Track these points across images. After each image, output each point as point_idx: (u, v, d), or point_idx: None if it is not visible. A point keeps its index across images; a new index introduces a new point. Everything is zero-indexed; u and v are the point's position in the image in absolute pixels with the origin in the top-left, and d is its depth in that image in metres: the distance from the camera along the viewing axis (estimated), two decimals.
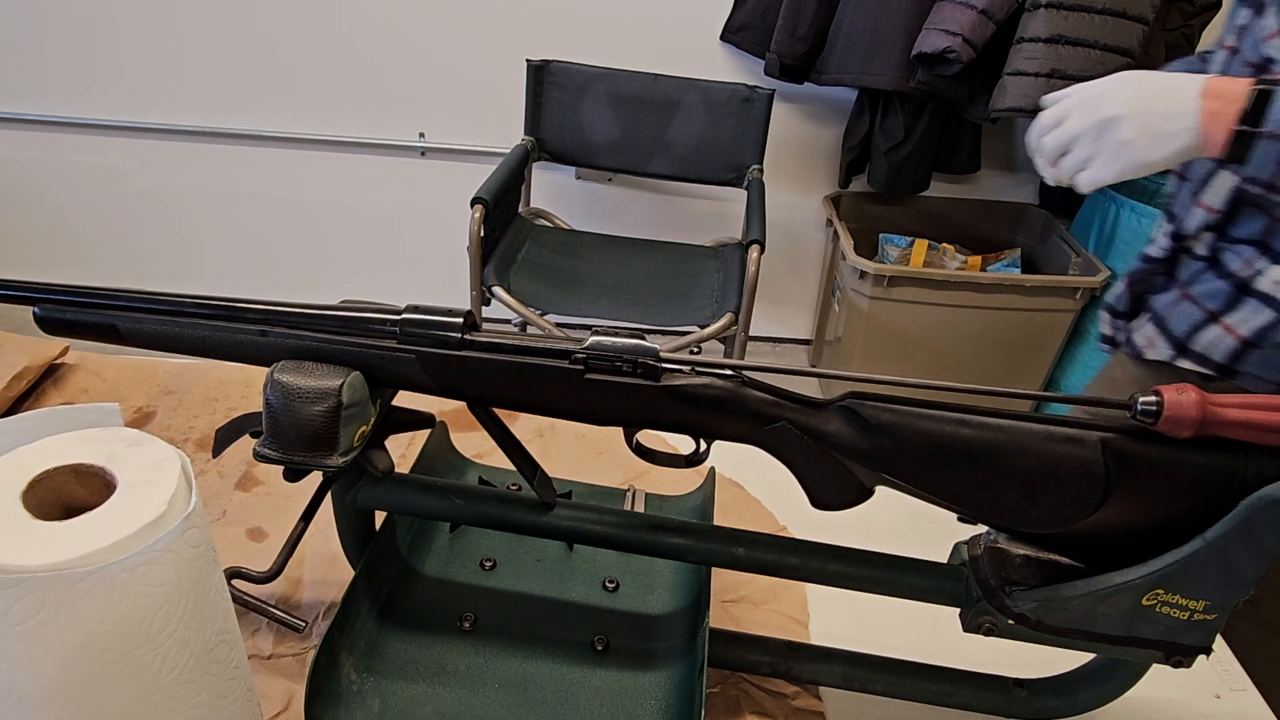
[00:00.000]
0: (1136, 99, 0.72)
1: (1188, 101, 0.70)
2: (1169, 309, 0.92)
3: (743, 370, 0.48)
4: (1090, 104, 0.73)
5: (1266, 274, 0.82)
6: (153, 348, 0.50)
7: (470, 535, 0.68)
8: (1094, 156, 0.74)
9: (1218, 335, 0.86)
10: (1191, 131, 0.70)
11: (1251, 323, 0.84)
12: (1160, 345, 0.92)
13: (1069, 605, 0.47)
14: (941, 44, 1.84)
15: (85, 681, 0.37)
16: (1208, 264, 0.88)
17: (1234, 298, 0.85)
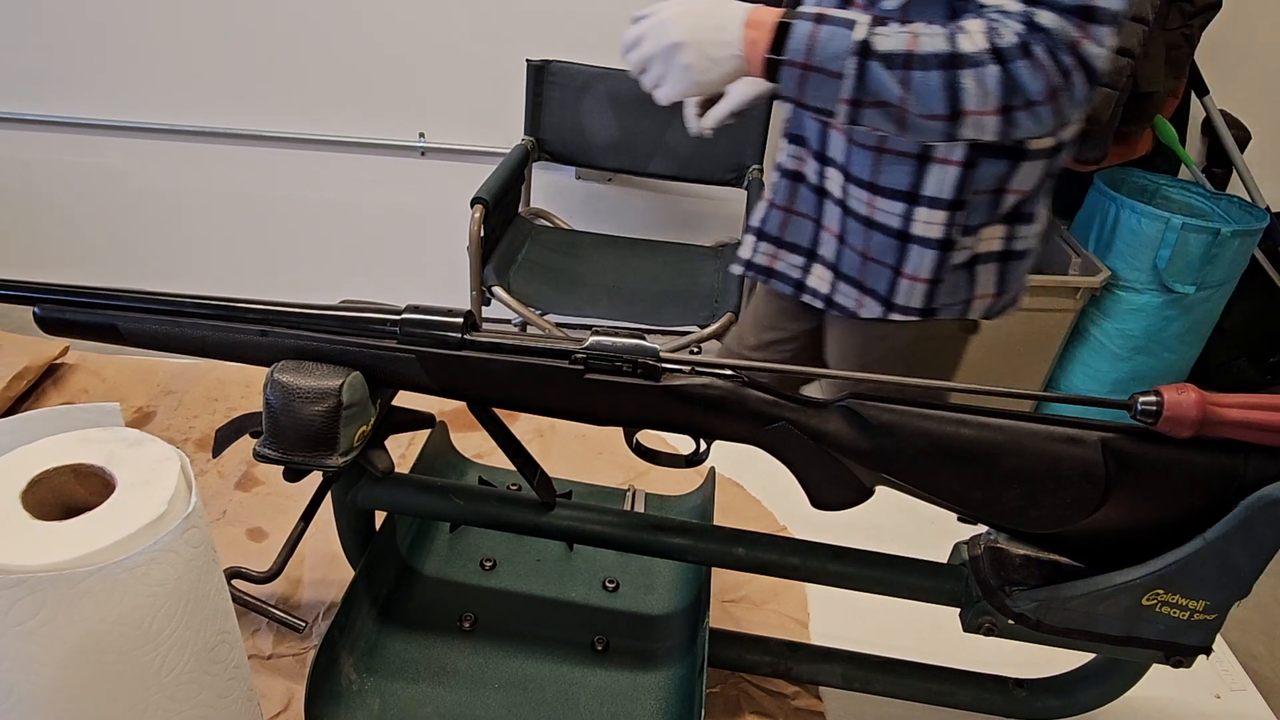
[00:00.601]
0: (694, 28, 0.81)
1: (734, 30, 0.80)
2: (863, 270, 1.01)
3: (743, 370, 0.48)
4: (657, 30, 0.83)
5: (916, 218, 0.95)
6: (153, 348, 0.50)
7: (470, 535, 0.68)
8: (665, 76, 0.85)
9: (909, 286, 0.98)
10: (738, 58, 0.81)
11: (924, 266, 0.96)
12: (871, 304, 1.02)
13: (1069, 605, 0.47)
14: None
15: (85, 681, 0.37)
16: (843, 207, 1.00)
17: (900, 248, 0.97)
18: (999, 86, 0.75)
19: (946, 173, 0.92)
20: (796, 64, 0.78)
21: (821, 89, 0.79)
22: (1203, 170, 2.26)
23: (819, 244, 1.05)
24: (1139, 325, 2.13)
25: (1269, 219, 2.07)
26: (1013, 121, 0.77)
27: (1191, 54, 2.03)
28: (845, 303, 1.04)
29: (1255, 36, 2.16)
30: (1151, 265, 2.04)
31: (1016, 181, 0.93)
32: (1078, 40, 0.73)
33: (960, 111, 0.76)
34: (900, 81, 0.76)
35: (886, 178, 0.94)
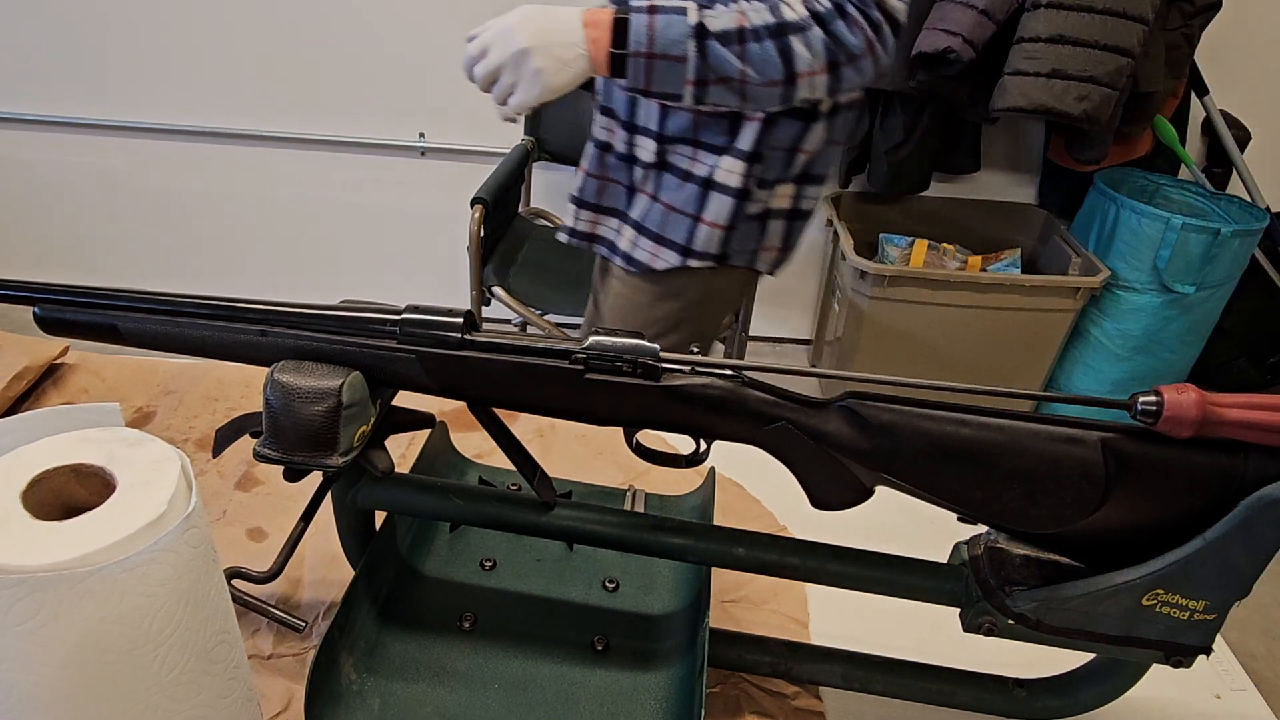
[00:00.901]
0: (539, 32, 0.83)
1: (576, 31, 0.84)
2: (663, 222, 1.08)
3: (743, 370, 0.48)
4: (502, 39, 0.84)
5: (719, 166, 1.02)
6: (153, 348, 0.50)
7: (470, 535, 0.68)
8: (516, 83, 0.86)
9: (707, 232, 1.06)
10: (584, 57, 0.85)
11: (721, 212, 1.04)
12: (668, 254, 1.09)
13: (1069, 605, 0.47)
14: (942, 44, 1.84)
15: (85, 681, 0.37)
16: (660, 168, 1.06)
17: (702, 196, 1.04)
18: (824, 47, 0.83)
19: (749, 127, 1.00)
20: (641, 54, 0.83)
21: (668, 75, 0.85)
22: (1203, 170, 2.26)
23: (631, 206, 1.11)
24: (1139, 325, 2.13)
25: (1269, 219, 2.07)
26: (840, 76, 0.86)
27: (1191, 54, 2.02)
28: (642, 257, 1.10)
29: (1255, 36, 2.16)
30: (1151, 265, 2.04)
31: (807, 142, 1.02)
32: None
33: (795, 74, 0.84)
34: (738, 56, 0.83)
35: (706, 133, 1.01)
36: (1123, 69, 1.83)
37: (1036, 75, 1.83)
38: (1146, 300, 2.09)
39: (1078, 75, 1.81)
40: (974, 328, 2.15)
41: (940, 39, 1.84)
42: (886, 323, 2.15)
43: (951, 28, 1.83)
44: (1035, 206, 2.39)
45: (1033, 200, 2.41)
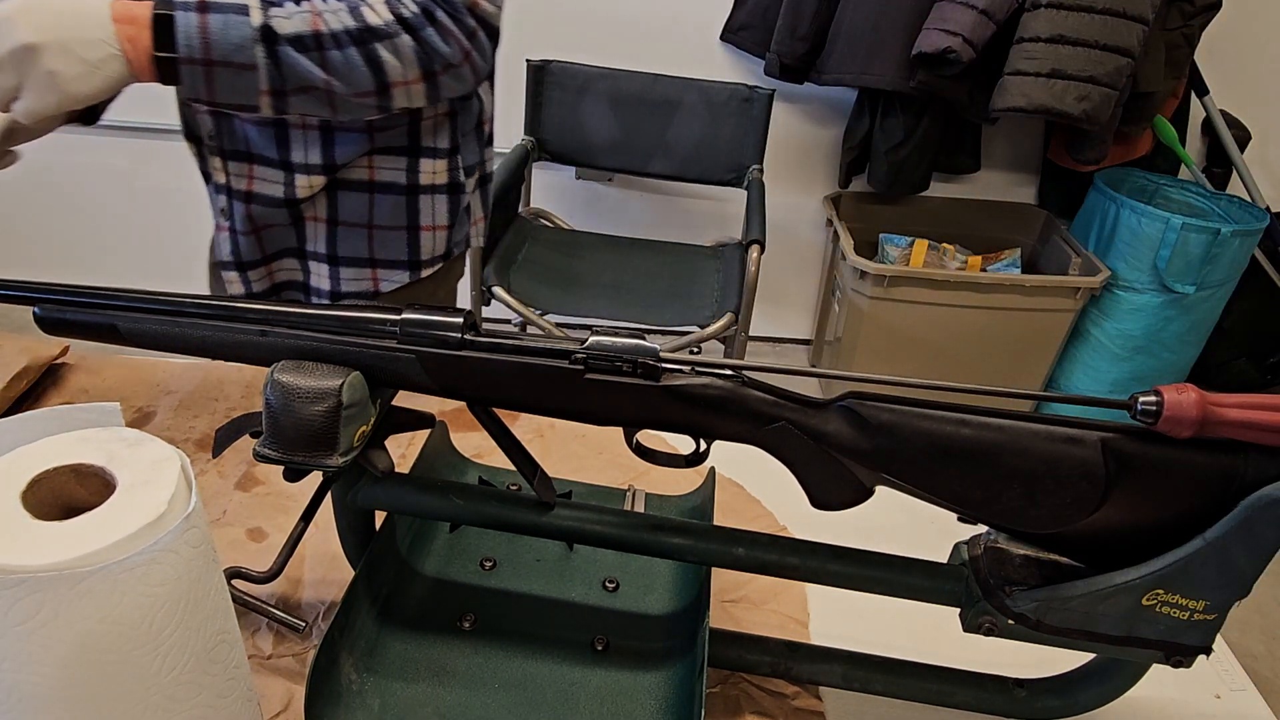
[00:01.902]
0: (50, 26, 0.66)
1: (103, 28, 0.67)
2: (371, 245, 0.97)
3: (743, 370, 0.48)
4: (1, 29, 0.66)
5: (421, 170, 0.94)
6: (153, 348, 0.50)
7: (470, 535, 0.68)
8: (24, 87, 0.67)
9: (431, 238, 0.99)
10: (118, 58, 0.68)
11: (441, 212, 0.98)
12: (393, 275, 0.99)
13: (1069, 605, 0.47)
14: (942, 44, 1.84)
15: (85, 681, 0.37)
16: (336, 189, 0.93)
17: (413, 203, 0.96)
18: (416, 55, 0.76)
19: (442, 122, 0.93)
20: (196, 61, 0.70)
21: (235, 84, 0.72)
22: (1203, 170, 2.26)
23: (309, 240, 0.97)
24: (1139, 325, 2.13)
25: (1269, 219, 2.07)
26: (437, 85, 0.80)
27: (1191, 54, 2.03)
28: (354, 287, 0.99)
29: (1255, 36, 2.16)
30: (1151, 265, 2.04)
31: (487, 110, 0.99)
32: (475, 2, 0.78)
33: (388, 84, 0.77)
34: (319, 64, 0.73)
35: (382, 139, 0.91)
36: (1123, 69, 1.83)
37: (1036, 75, 1.83)
38: (1146, 300, 2.09)
39: (1078, 75, 1.81)
40: (974, 328, 2.15)
41: (940, 39, 1.84)
42: (886, 323, 2.15)
43: (951, 28, 1.83)
44: (1035, 206, 2.39)
45: (1033, 200, 2.41)
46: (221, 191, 0.92)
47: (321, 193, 0.93)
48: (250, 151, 0.89)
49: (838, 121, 2.28)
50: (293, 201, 0.92)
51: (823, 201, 2.38)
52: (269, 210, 0.92)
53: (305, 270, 0.99)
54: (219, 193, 0.92)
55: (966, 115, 2.07)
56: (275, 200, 0.91)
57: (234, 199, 0.91)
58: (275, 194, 0.91)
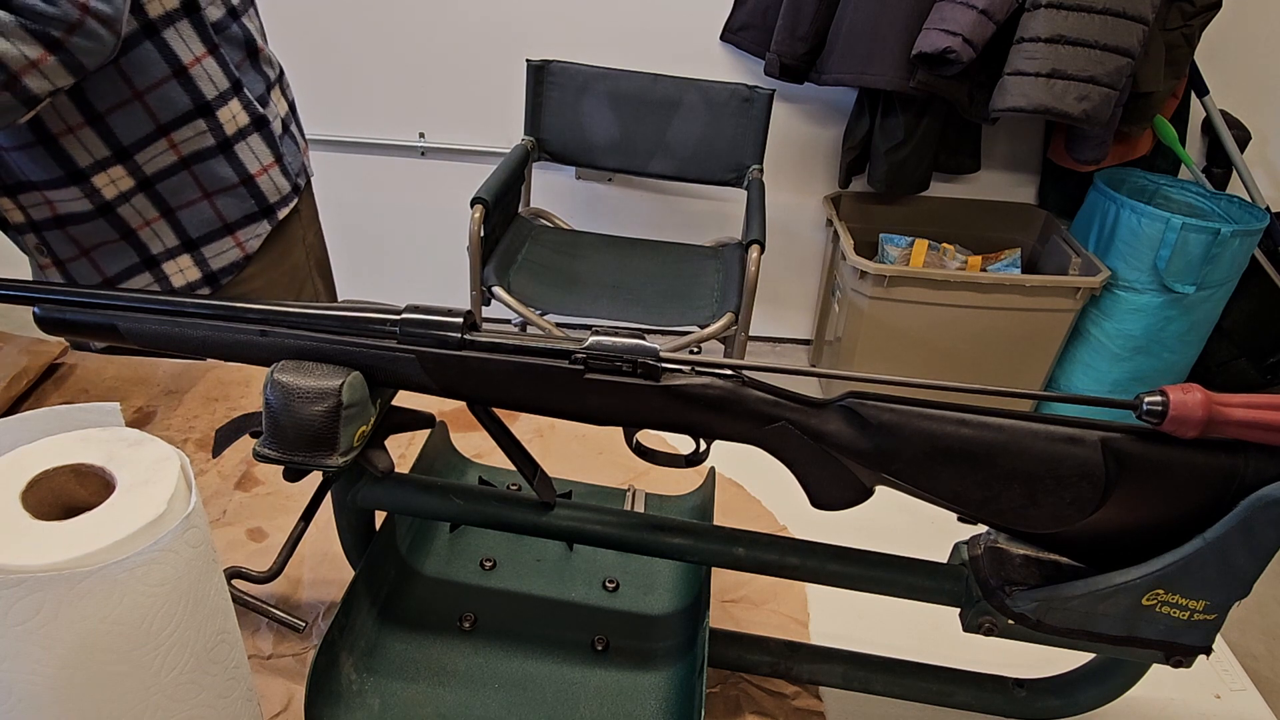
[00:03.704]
0: None
1: None
2: (215, 213, 0.97)
3: (743, 370, 0.48)
4: None
5: (221, 123, 0.92)
6: (153, 348, 0.50)
7: (470, 535, 0.68)
8: None
9: (267, 178, 0.99)
10: None
11: (262, 150, 0.98)
12: (253, 229, 1.00)
13: (1069, 605, 0.47)
14: (942, 44, 1.84)
15: (85, 681, 0.37)
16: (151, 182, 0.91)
17: (231, 156, 0.95)
18: (24, 29, 0.68)
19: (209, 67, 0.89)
20: None
21: None
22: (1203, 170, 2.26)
23: (150, 240, 0.95)
24: (1139, 325, 2.13)
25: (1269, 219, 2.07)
26: (72, 51, 0.71)
27: (1191, 54, 2.03)
28: (229, 259, 1.00)
29: (1255, 36, 2.16)
30: (1151, 265, 2.04)
31: (255, 39, 0.99)
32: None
33: (14, 74, 0.69)
34: None
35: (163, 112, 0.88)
36: (1123, 69, 1.83)
37: (1036, 75, 1.83)
38: (1146, 300, 2.09)
39: (1078, 75, 1.82)
40: (974, 328, 2.15)
41: (940, 39, 1.84)
42: (886, 323, 2.15)
43: (951, 28, 1.83)
44: (1035, 206, 2.39)
45: (1033, 200, 2.41)
46: (27, 230, 0.89)
47: (141, 194, 0.91)
48: (31, 180, 0.85)
49: (838, 121, 2.28)
50: (106, 207, 0.89)
51: (823, 201, 2.38)
52: (87, 226, 0.90)
53: (163, 276, 0.97)
54: (25, 232, 0.89)
55: (966, 115, 2.07)
56: (88, 213, 0.89)
57: (43, 230, 0.89)
58: (84, 207, 0.88)
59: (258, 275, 1.04)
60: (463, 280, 1.82)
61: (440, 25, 2.16)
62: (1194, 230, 1.95)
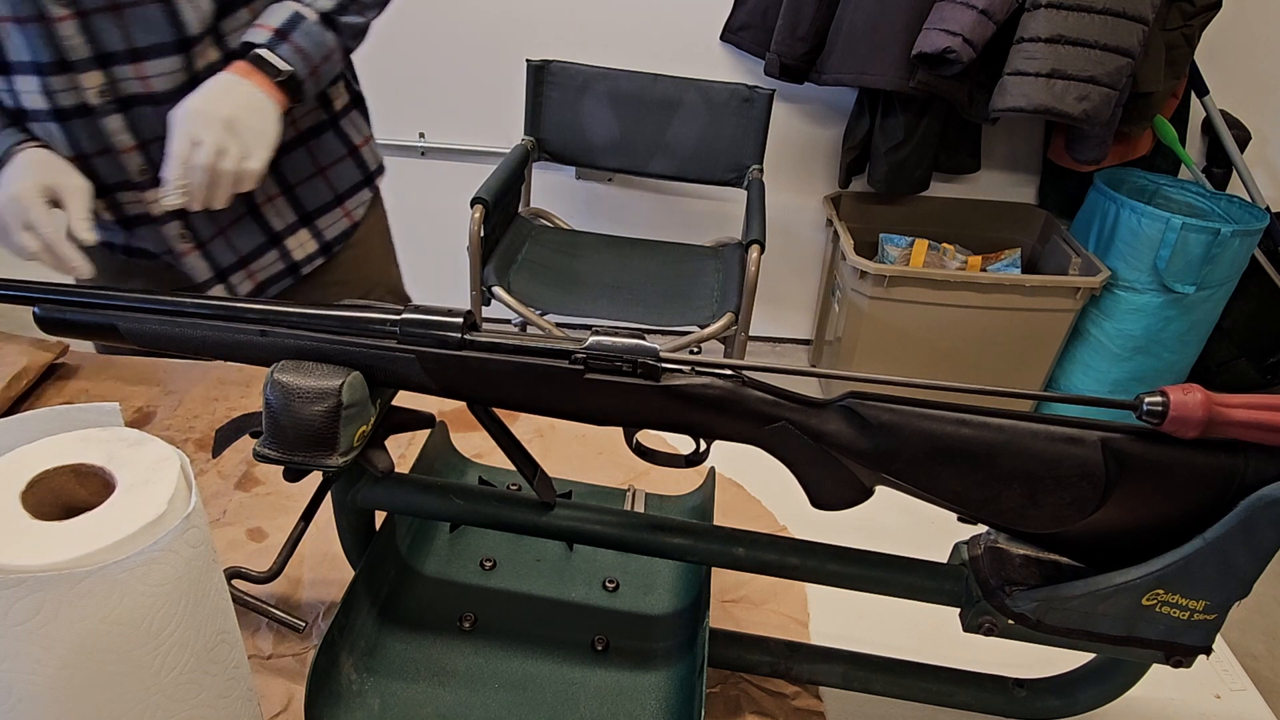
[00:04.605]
0: (223, 104, 0.81)
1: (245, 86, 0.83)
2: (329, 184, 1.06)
3: (743, 370, 0.48)
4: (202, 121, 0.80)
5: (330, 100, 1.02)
6: (153, 348, 0.50)
7: (470, 535, 0.68)
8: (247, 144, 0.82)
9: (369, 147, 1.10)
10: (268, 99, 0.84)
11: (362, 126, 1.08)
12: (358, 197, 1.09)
13: (1069, 605, 0.47)
14: (942, 44, 1.84)
15: (85, 681, 0.37)
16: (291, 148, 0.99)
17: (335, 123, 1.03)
18: None
19: None
20: (307, 74, 0.86)
21: (331, 69, 0.90)
22: (1203, 170, 2.26)
23: (272, 223, 1.00)
24: (1139, 325, 2.13)
25: (1269, 219, 2.07)
26: None
27: (1191, 54, 2.03)
28: (339, 229, 1.07)
29: (1255, 36, 2.16)
30: (1151, 265, 2.04)
31: None
32: None
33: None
34: (356, 9, 0.91)
35: None
36: (1123, 69, 1.83)
37: (1036, 75, 1.83)
38: (1146, 300, 2.09)
39: (1078, 75, 1.81)
40: (974, 328, 2.15)
41: (940, 39, 1.84)
42: (886, 323, 2.15)
43: (951, 28, 1.83)
44: (1035, 206, 2.39)
45: (1033, 200, 2.41)
46: (172, 217, 0.91)
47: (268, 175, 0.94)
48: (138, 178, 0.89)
49: (838, 121, 2.28)
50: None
51: (823, 201, 2.38)
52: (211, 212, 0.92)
53: (286, 251, 1.02)
54: (167, 221, 0.91)
55: (966, 115, 2.07)
56: None
57: (189, 213, 0.90)
58: None
59: (360, 242, 1.12)
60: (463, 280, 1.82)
61: (440, 25, 2.16)
62: (1194, 230, 1.95)
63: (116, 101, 0.82)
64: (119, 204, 0.90)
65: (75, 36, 0.77)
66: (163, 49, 0.81)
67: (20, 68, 0.80)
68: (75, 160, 0.84)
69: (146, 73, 0.82)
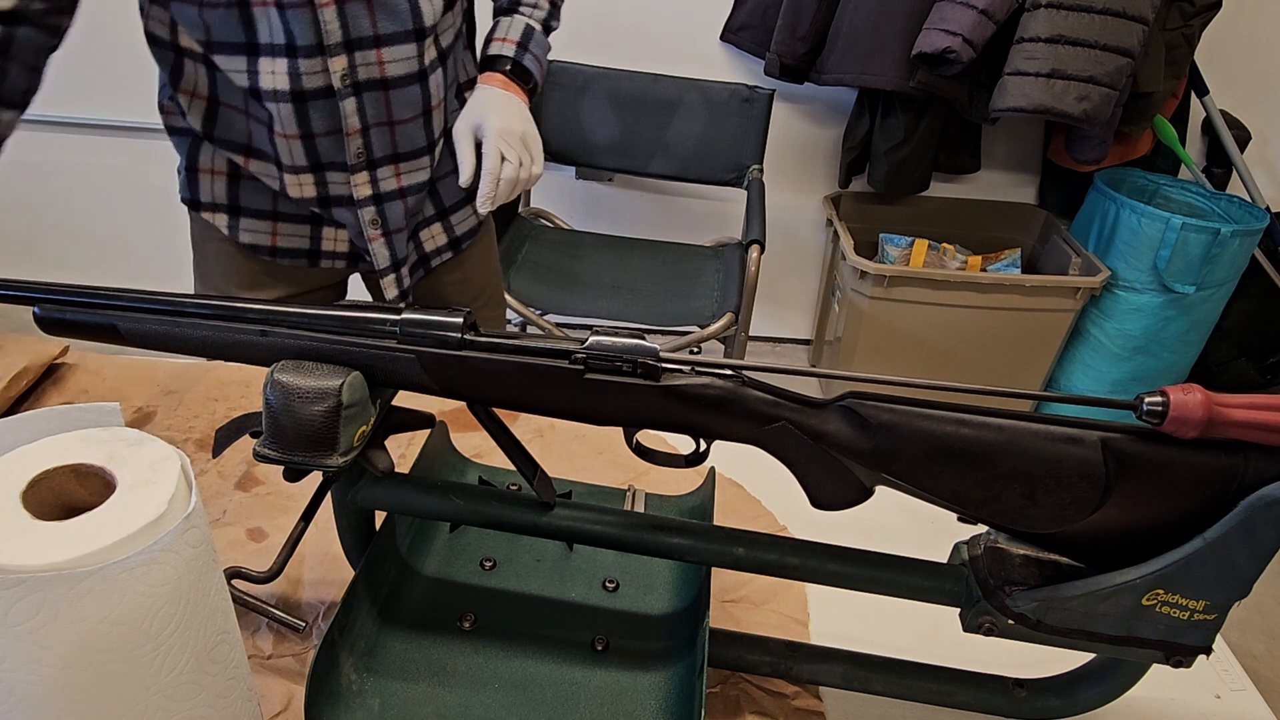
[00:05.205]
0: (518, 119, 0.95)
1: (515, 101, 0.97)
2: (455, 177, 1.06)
3: (743, 370, 0.48)
4: (507, 137, 0.93)
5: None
6: (153, 348, 0.50)
7: (470, 535, 0.68)
8: (533, 155, 0.95)
9: None
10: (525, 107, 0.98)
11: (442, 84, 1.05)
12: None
13: (1069, 605, 0.47)
14: (942, 44, 1.84)
15: (85, 681, 0.37)
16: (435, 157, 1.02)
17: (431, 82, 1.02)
18: None
19: None
20: (542, 79, 1.01)
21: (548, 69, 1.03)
22: (1203, 170, 2.26)
23: (442, 196, 1.07)
24: (1139, 325, 2.13)
25: (1269, 219, 2.07)
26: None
27: (1191, 54, 2.03)
28: (464, 227, 1.10)
29: (1255, 36, 2.16)
30: (1151, 265, 2.04)
31: None
32: None
33: None
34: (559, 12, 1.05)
35: None
36: (1123, 69, 1.83)
37: (1036, 75, 1.83)
38: (1146, 300, 2.09)
39: (1078, 75, 1.81)
40: (974, 328, 2.15)
41: (940, 39, 1.84)
42: (886, 323, 2.15)
43: (951, 28, 1.83)
44: (1035, 206, 2.39)
45: (1033, 200, 2.41)
46: (368, 204, 0.95)
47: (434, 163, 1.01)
48: (398, 151, 0.94)
49: (838, 121, 2.28)
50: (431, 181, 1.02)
51: (823, 201, 2.38)
52: (419, 195, 1.00)
53: (419, 243, 1.07)
54: (365, 205, 0.95)
55: (966, 115, 2.07)
56: (424, 184, 0.99)
57: (384, 203, 0.96)
58: (423, 178, 0.98)
59: (482, 242, 1.14)
60: None
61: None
62: (1194, 230, 1.95)
63: (354, 85, 0.87)
64: (325, 183, 0.94)
65: (333, 21, 0.82)
66: (401, 37, 0.87)
67: (270, 50, 0.83)
68: (298, 139, 0.89)
69: (385, 58, 0.87)
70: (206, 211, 0.99)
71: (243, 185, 0.97)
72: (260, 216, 0.99)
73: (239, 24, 0.82)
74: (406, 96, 0.91)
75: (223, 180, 0.97)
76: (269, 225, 0.99)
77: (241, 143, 0.93)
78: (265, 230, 0.99)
